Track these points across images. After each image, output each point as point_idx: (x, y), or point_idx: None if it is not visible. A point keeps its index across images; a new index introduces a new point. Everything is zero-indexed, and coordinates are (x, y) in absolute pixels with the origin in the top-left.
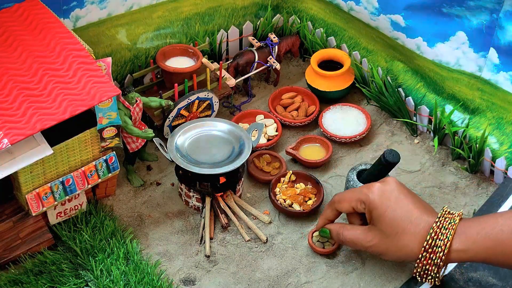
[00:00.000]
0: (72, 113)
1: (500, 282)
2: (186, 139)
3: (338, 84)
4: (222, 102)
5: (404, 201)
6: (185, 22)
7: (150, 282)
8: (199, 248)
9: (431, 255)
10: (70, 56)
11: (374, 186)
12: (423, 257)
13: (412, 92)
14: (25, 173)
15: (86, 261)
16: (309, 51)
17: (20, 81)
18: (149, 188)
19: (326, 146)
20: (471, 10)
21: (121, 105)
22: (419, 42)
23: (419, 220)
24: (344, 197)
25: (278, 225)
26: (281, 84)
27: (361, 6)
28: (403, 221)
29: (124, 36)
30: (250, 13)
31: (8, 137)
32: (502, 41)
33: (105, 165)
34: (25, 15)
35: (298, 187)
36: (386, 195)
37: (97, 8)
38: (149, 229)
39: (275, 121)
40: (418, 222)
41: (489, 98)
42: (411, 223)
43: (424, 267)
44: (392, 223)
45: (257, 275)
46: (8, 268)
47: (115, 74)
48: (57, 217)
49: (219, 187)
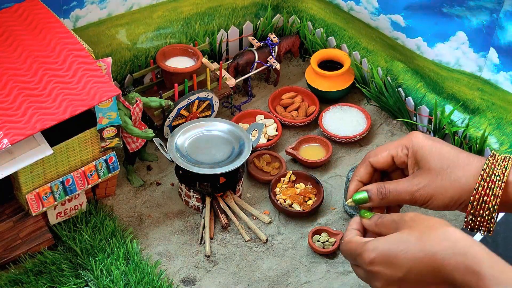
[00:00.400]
0: (72, 113)
1: None
2: (186, 139)
3: (338, 84)
4: (222, 102)
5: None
6: (185, 22)
7: (150, 282)
8: (199, 248)
9: (489, 183)
10: (70, 56)
11: (415, 132)
12: (480, 186)
13: (412, 92)
14: (25, 173)
15: (86, 261)
16: (309, 51)
17: (20, 81)
18: (149, 188)
19: (326, 146)
20: (471, 10)
21: (121, 105)
22: (419, 42)
23: (470, 156)
24: (382, 148)
25: (278, 225)
26: (281, 84)
27: (361, 6)
28: (453, 156)
29: (124, 36)
30: (250, 13)
31: (8, 137)
32: (502, 41)
33: (105, 165)
34: (25, 15)
35: (298, 187)
36: (431, 138)
37: (97, 8)
38: (149, 229)
39: (275, 121)
40: (470, 157)
41: (489, 98)
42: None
43: (481, 199)
44: (442, 158)
45: (257, 275)
46: (8, 268)
47: (115, 74)
48: (57, 217)
49: (219, 187)
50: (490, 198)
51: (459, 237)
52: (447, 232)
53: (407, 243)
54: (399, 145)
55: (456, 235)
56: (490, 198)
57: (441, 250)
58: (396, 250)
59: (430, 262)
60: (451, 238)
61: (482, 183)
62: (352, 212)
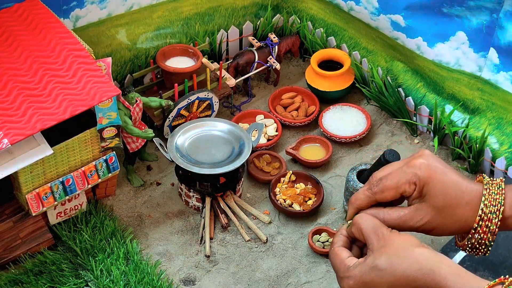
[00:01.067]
0: (72, 113)
1: None
2: (186, 139)
3: (338, 84)
4: (222, 102)
5: (449, 173)
6: (185, 22)
7: (150, 282)
8: (199, 248)
9: (487, 222)
10: (70, 56)
11: (417, 162)
12: (479, 226)
13: (412, 92)
14: (25, 173)
15: (86, 261)
16: (309, 51)
17: (20, 81)
18: (149, 188)
19: (326, 146)
20: (471, 10)
21: (121, 105)
22: (419, 42)
23: (470, 189)
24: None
25: (278, 225)
26: (281, 84)
27: (361, 6)
28: (455, 192)
29: (124, 36)
30: (250, 13)
31: (8, 137)
32: (502, 41)
33: (105, 165)
34: (25, 15)
35: (298, 187)
36: (433, 169)
37: (97, 8)
38: (149, 229)
39: (275, 121)
40: (469, 191)
41: (489, 98)
42: (462, 193)
43: (479, 236)
44: (445, 196)
45: (257, 275)
46: (8, 268)
47: (115, 74)
48: (57, 217)
49: (219, 187)
50: (487, 235)
51: (427, 257)
52: (414, 253)
53: (379, 270)
54: (407, 183)
55: (424, 255)
56: (487, 235)
57: (411, 271)
58: (371, 276)
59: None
60: (418, 259)
61: (480, 223)
62: None
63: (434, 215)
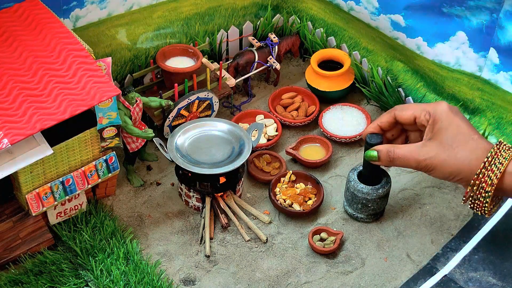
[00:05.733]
0: (72, 113)
1: (500, 282)
2: (186, 139)
3: (338, 84)
4: (222, 102)
5: (467, 122)
6: (185, 22)
7: (150, 282)
8: (199, 248)
9: (489, 172)
10: (70, 56)
11: (442, 102)
12: (481, 173)
13: (412, 92)
14: (25, 173)
15: (86, 261)
16: (309, 51)
17: (20, 81)
18: (149, 188)
19: (326, 146)
20: (471, 10)
21: (121, 105)
22: (419, 42)
23: (480, 141)
24: (409, 105)
25: (278, 225)
26: (281, 84)
27: (361, 6)
28: (466, 136)
29: (124, 36)
30: (250, 13)
31: (8, 137)
32: (502, 41)
33: (105, 165)
34: (25, 15)
35: (298, 187)
36: (454, 112)
37: (97, 8)
38: (149, 229)
39: (275, 121)
40: (479, 142)
41: (489, 98)
42: (473, 140)
43: (480, 185)
44: (456, 135)
45: (257, 275)
46: (8, 268)
47: (115, 74)
48: (57, 217)
49: (219, 187)
50: (487, 184)
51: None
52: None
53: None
54: (424, 110)
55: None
56: (488, 184)
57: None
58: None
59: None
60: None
61: (483, 170)
62: (352, 212)
63: (439, 152)
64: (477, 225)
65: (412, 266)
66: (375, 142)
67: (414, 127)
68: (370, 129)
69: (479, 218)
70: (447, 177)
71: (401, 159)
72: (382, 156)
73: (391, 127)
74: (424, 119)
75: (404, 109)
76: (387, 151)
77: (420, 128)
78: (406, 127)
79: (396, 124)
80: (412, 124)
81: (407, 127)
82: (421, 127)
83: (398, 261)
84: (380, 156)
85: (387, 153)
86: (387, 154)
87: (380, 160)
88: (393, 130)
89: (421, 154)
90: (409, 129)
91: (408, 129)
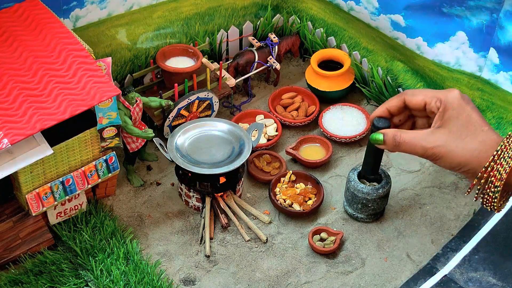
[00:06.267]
0: (72, 113)
1: (500, 282)
2: (186, 139)
3: (338, 84)
4: (222, 102)
5: (478, 112)
6: (185, 22)
7: (150, 282)
8: (199, 248)
9: (498, 166)
10: (70, 56)
11: (454, 90)
12: (490, 166)
13: None
14: (25, 173)
15: (86, 261)
16: (309, 51)
17: (20, 81)
18: (149, 188)
19: (326, 146)
20: (471, 10)
21: (121, 105)
22: (419, 42)
23: (490, 132)
24: (420, 90)
25: (278, 225)
26: (281, 84)
27: (361, 6)
28: (476, 127)
29: (124, 36)
30: (250, 13)
31: (8, 137)
32: (502, 41)
33: (105, 165)
34: (25, 15)
35: (298, 187)
36: (465, 100)
37: (97, 8)
38: (149, 229)
39: (275, 121)
40: (489, 133)
41: (489, 98)
42: (483, 131)
43: (489, 179)
44: (466, 125)
45: (257, 275)
46: (8, 268)
47: (115, 74)
48: (57, 217)
49: (219, 187)
50: (496, 179)
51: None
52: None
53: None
54: (435, 96)
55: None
56: (497, 178)
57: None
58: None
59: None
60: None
61: (492, 164)
62: (352, 212)
63: (447, 140)
64: (477, 225)
65: (412, 266)
66: (383, 126)
67: (423, 113)
68: (378, 112)
69: (479, 218)
70: (454, 167)
71: (408, 144)
72: (388, 140)
73: (400, 111)
74: (435, 105)
75: (415, 94)
76: (394, 135)
77: (430, 115)
78: (415, 113)
79: (405, 109)
80: (422, 110)
81: (416, 113)
82: (430, 114)
83: (398, 261)
84: (386, 140)
85: (393, 137)
86: (393, 138)
87: (385, 144)
88: (401, 115)
89: (429, 142)
90: (418, 115)
91: (416, 115)
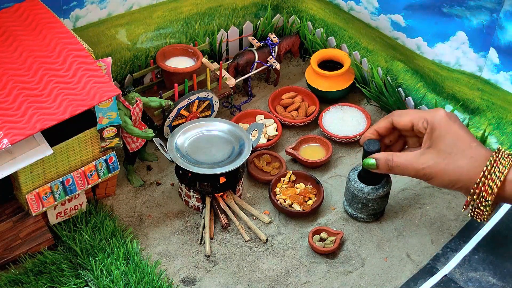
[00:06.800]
0: (72, 113)
1: (500, 282)
2: (186, 139)
3: (338, 84)
4: (222, 102)
5: (465, 130)
6: (185, 22)
7: (150, 282)
8: (199, 248)
9: (488, 181)
10: (70, 56)
11: (439, 109)
12: (481, 182)
13: (412, 92)
14: (25, 173)
15: (86, 261)
16: (309, 51)
17: (20, 81)
18: (149, 188)
19: (326, 146)
20: (471, 10)
21: (121, 105)
22: (419, 42)
23: (479, 148)
24: (407, 112)
25: (278, 225)
26: (281, 84)
27: (361, 6)
28: (465, 144)
29: (124, 36)
30: (250, 13)
31: (8, 137)
32: (502, 41)
33: (105, 165)
34: (25, 15)
35: (298, 187)
36: (452, 119)
37: (97, 8)
38: (149, 229)
39: (275, 121)
40: (478, 149)
41: (489, 98)
42: (471, 148)
43: (480, 194)
44: (455, 143)
45: (257, 275)
46: (8, 268)
47: (115, 74)
48: (57, 217)
49: (219, 187)
50: (487, 193)
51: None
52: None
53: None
54: (422, 117)
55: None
56: (488, 193)
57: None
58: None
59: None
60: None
61: (483, 179)
62: (352, 212)
63: (438, 160)
64: (477, 225)
65: (412, 266)
66: (373, 149)
67: (412, 133)
68: (367, 135)
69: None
70: (446, 185)
71: (400, 167)
72: (381, 165)
73: (389, 132)
74: (422, 126)
75: (402, 115)
76: (386, 160)
77: (418, 135)
78: (404, 133)
79: (394, 129)
80: (410, 131)
81: (405, 133)
82: (419, 134)
83: (398, 261)
84: (379, 164)
85: (385, 162)
86: (386, 163)
87: (378, 168)
88: (391, 136)
89: (420, 163)
90: (407, 135)
91: (406, 135)
